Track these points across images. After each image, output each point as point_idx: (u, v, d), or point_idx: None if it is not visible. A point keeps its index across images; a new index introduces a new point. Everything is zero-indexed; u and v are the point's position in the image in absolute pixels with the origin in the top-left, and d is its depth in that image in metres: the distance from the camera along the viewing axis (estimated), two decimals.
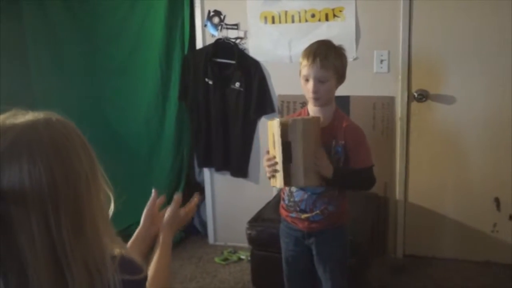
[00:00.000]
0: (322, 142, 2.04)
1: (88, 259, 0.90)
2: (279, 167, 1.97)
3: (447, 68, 3.16)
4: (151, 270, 1.26)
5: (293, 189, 2.16)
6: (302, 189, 2.13)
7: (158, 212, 1.42)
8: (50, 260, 0.86)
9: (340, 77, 2.08)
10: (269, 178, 2.05)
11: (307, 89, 2.07)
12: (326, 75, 2.03)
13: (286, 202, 2.21)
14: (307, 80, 2.07)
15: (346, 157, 2.10)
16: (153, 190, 1.44)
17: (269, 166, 2.01)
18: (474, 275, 3.17)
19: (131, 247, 1.32)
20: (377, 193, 3.32)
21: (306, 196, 2.13)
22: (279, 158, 1.97)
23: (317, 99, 2.07)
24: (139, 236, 1.37)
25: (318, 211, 2.13)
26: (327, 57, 2.02)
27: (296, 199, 2.16)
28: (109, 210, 0.99)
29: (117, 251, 0.97)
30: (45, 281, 0.86)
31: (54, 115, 0.93)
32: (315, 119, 2.04)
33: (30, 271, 0.85)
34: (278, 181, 2.00)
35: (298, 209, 2.16)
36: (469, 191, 3.25)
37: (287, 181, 1.98)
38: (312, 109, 2.15)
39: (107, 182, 0.98)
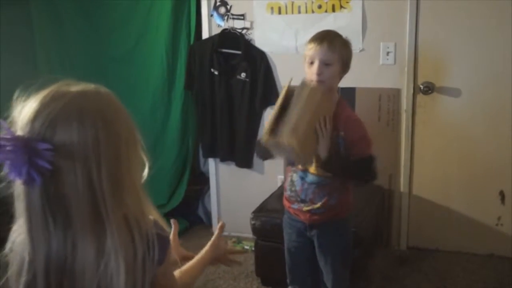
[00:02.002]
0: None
1: (128, 213, 1.02)
2: (270, 122, 1.97)
3: (453, 61, 3.15)
4: (185, 267, 1.38)
5: (294, 178, 2.16)
6: (301, 178, 2.13)
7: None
8: (92, 212, 0.97)
9: (345, 65, 2.07)
10: None
11: (311, 72, 2.05)
12: (331, 58, 2.01)
13: (288, 192, 2.21)
14: (311, 63, 2.05)
15: (346, 149, 2.08)
16: (172, 221, 1.55)
17: None
18: (477, 268, 3.18)
19: None
20: (382, 185, 3.32)
21: (306, 185, 2.12)
22: (274, 116, 1.97)
23: (320, 82, 2.04)
24: None
25: (319, 205, 2.12)
26: (333, 42, 2.01)
27: (297, 188, 2.15)
28: (143, 176, 1.11)
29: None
30: (87, 231, 0.97)
31: (103, 88, 1.07)
32: (324, 92, 2.00)
33: (74, 221, 0.97)
34: (265, 136, 1.97)
35: (298, 199, 2.16)
36: (474, 184, 3.25)
37: (272, 136, 1.94)
38: None
39: (145, 151, 1.10)
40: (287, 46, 3.38)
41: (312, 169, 2.10)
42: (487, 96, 3.13)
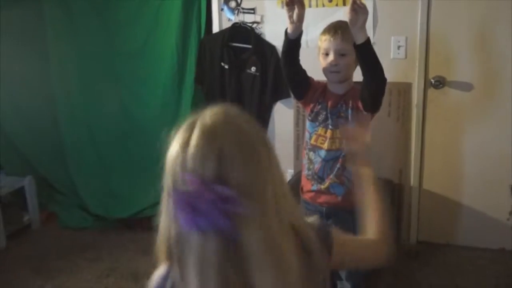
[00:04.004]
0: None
1: (292, 219, 0.96)
2: None
3: (464, 55, 3.12)
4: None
5: (311, 156, 2.19)
6: (318, 155, 2.15)
7: None
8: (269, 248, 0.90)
9: None
10: None
11: (327, 63, 2.06)
12: (346, 48, 2.02)
13: (306, 171, 2.23)
14: (327, 54, 2.07)
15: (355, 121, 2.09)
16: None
17: None
18: (488, 262, 3.17)
19: None
20: (392, 180, 3.31)
21: (323, 163, 2.15)
22: None
23: (337, 72, 2.06)
24: None
25: (335, 178, 2.13)
26: (347, 31, 2.00)
27: (315, 165, 2.17)
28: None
29: None
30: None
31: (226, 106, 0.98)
32: None
33: (253, 268, 0.89)
34: None
35: (316, 177, 2.18)
36: (485, 178, 3.23)
37: None
38: (331, 86, 2.16)
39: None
40: None
41: (325, 145, 2.13)
42: (499, 90, 3.10)
